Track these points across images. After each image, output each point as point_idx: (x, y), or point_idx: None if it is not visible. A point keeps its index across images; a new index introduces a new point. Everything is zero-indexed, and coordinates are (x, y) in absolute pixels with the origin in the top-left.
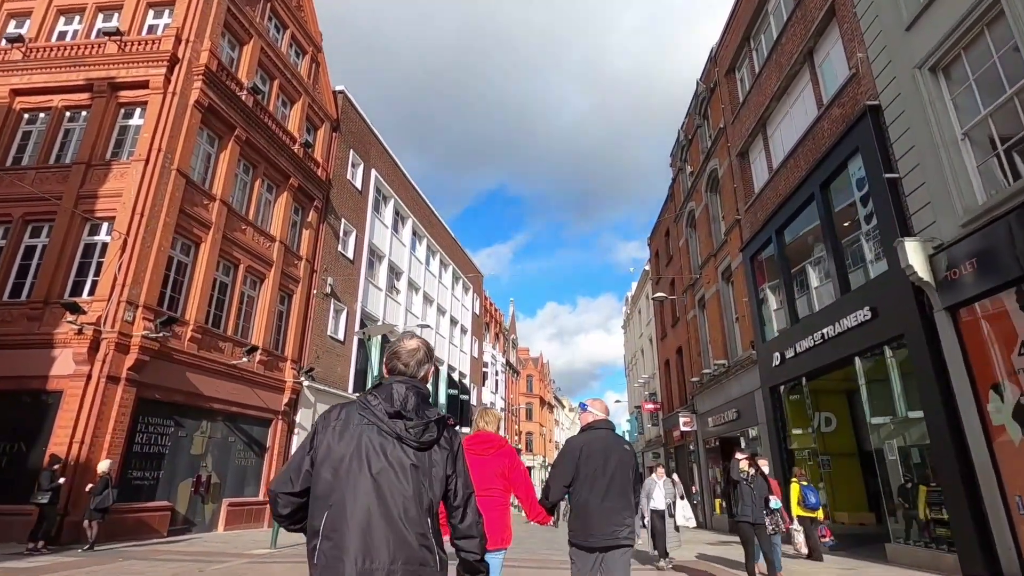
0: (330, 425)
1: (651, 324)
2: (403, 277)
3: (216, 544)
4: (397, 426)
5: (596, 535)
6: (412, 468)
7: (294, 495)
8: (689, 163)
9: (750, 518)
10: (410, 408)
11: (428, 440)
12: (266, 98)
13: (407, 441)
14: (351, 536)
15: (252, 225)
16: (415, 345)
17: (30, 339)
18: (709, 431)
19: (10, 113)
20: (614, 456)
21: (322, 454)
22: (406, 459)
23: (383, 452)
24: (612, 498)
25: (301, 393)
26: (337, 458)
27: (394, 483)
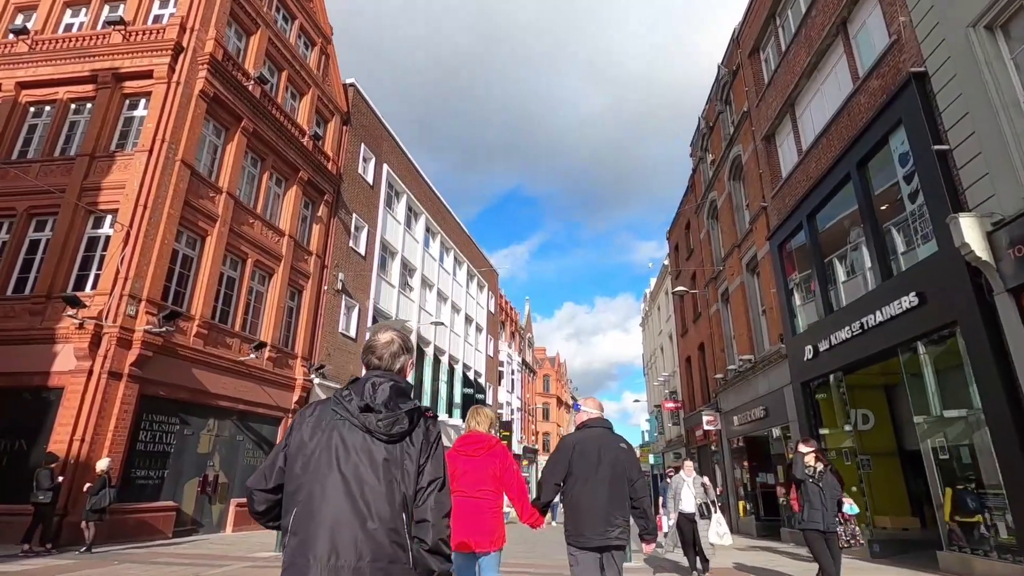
0: (304, 421)
1: (671, 320)
2: (416, 274)
3: (220, 546)
4: (367, 420)
5: (587, 534)
6: (384, 463)
7: (268, 492)
8: (710, 151)
9: (820, 525)
10: (379, 401)
11: (398, 432)
12: (274, 89)
13: (376, 435)
14: (319, 533)
15: (260, 219)
16: (389, 338)
17: (32, 335)
18: (734, 430)
19: (16, 106)
20: (608, 454)
21: (294, 450)
22: (377, 453)
23: (353, 447)
24: (604, 497)
25: (312, 391)
26: (308, 454)
27: (364, 478)
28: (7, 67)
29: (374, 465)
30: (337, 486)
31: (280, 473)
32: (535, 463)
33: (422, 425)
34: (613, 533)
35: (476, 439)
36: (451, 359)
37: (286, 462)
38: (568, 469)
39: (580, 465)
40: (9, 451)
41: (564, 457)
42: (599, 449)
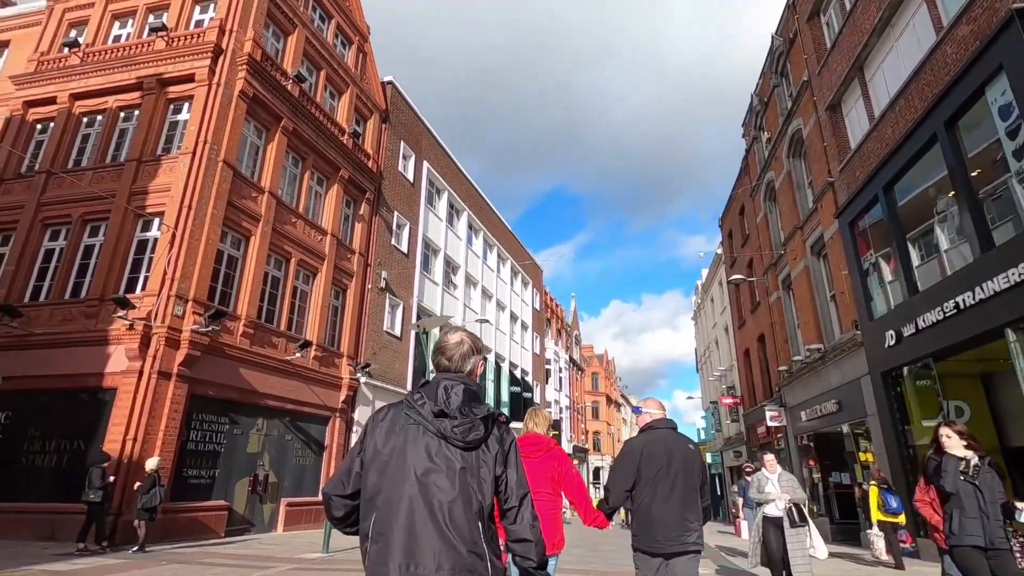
0: (378, 425)
1: (726, 312)
2: (460, 271)
3: (270, 546)
4: (442, 425)
5: (661, 540)
6: (460, 470)
7: (346, 497)
8: (765, 129)
9: (981, 540)
10: (454, 406)
11: (474, 439)
12: (313, 88)
13: (452, 441)
14: (396, 539)
15: (303, 218)
16: (459, 338)
17: (87, 337)
18: (802, 426)
19: (70, 118)
20: (678, 456)
21: (369, 456)
22: (453, 460)
23: (429, 453)
24: (677, 501)
25: (358, 390)
26: (383, 460)
27: (440, 485)
28: (62, 80)
29: (450, 472)
30: (414, 493)
31: (357, 479)
32: (585, 462)
33: (496, 432)
34: (690, 538)
35: (534, 440)
36: (497, 357)
37: (362, 467)
38: (637, 473)
39: (649, 469)
40: (68, 451)
41: (631, 462)
42: (668, 451)
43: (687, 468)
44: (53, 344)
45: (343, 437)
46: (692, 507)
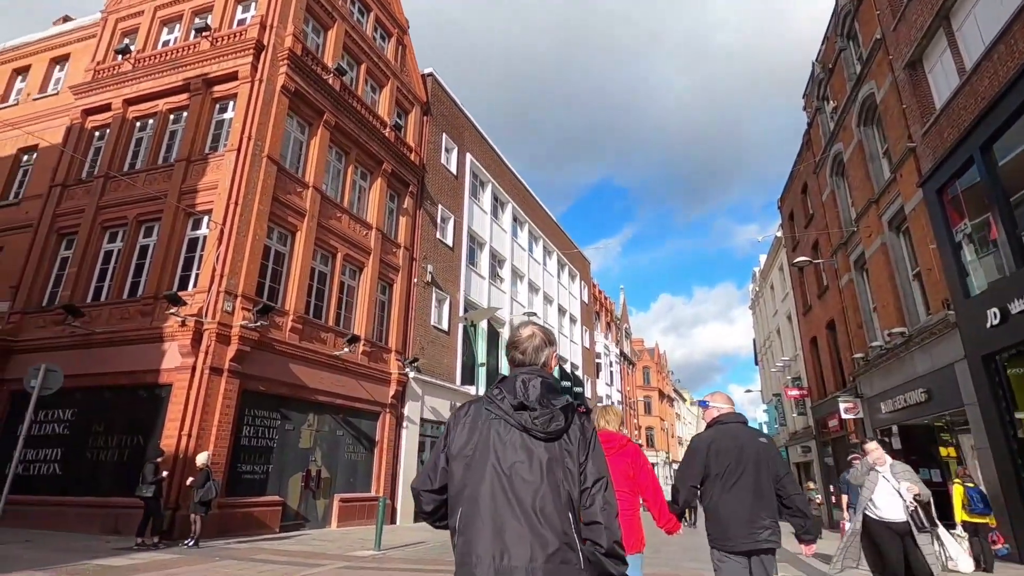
0: (460, 421)
1: (788, 298)
2: (506, 265)
3: (322, 543)
4: (522, 418)
5: (734, 538)
6: (548, 462)
7: (433, 492)
8: (831, 98)
9: None
10: (533, 398)
11: (555, 430)
12: (354, 82)
13: (534, 433)
14: (485, 533)
15: (347, 212)
16: (530, 331)
17: (143, 334)
18: (882, 418)
19: (124, 123)
20: (749, 451)
21: (454, 451)
22: (537, 452)
23: (512, 446)
24: (748, 497)
25: (407, 385)
26: (467, 454)
27: (527, 477)
28: (115, 87)
29: (536, 464)
30: (501, 486)
31: (444, 474)
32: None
33: (577, 422)
34: (763, 535)
35: (606, 437)
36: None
37: (448, 463)
38: (705, 470)
39: (718, 465)
40: (129, 446)
41: (699, 458)
42: (738, 446)
43: (759, 463)
44: (113, 342)
45: (394, 432)
46: (765, 503)
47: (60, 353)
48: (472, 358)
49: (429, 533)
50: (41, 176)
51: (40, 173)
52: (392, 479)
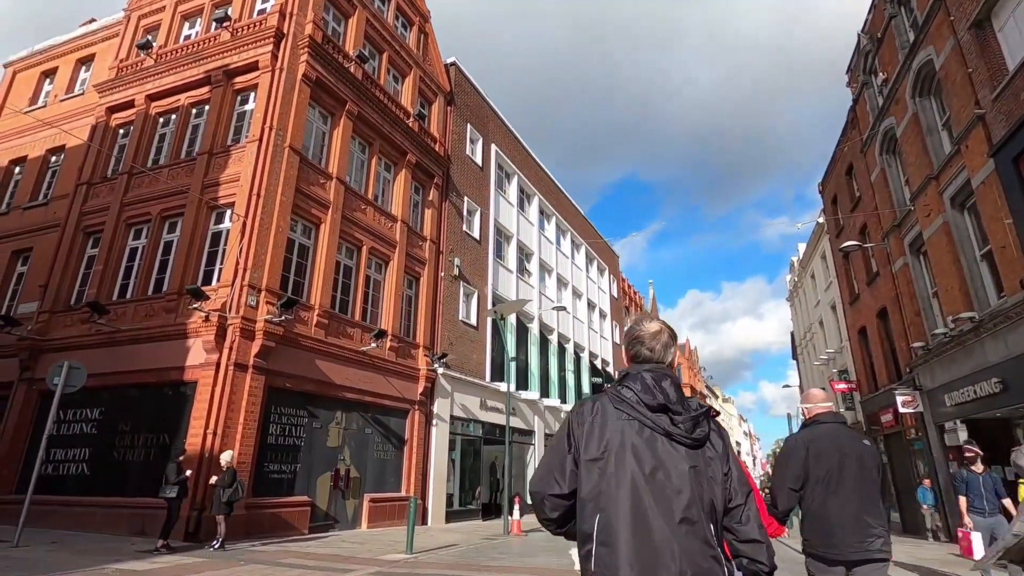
0: (586, 421)
1: (832, 287)
2: (533, 258)
3: (352, 545)
4: (662, 421)
5: (839, 546)
6: (691, 469)
7: (562, 497)
8: (880, 70)
9: None
10: (674, 400)
11: (700, 436)
12: (376, 71)
13: (677, 438)
14: (629, 543)
15: (372, 204)
16: (657, 327)
17: (168, 331)
18: (945, 412)
19: (147, 119)
20: (851, 453)
21: (586, 452)
22: (679, 458)
23: (652, 450)
24: (854, 502)
25: (436, 381)
26: (600, 457)
27: (672, 486)
28: (138, 83)
29: (679, 471)
30: (644, 494)
31: (574, 477)
32: None
33: (715, 427)
34: (875, 544)
35: None
36: (576, 347)
37: (577, 466)
38: (804, 473)
39: (819, 467)
40: (155, 445)
41: (796, 460)
42: (839, 448)
43: (863, 466)
44: (138, 339)
45: (423, 430)
46: (872, 509)
47: (87, 352)
48: (502, 353)
49: (461, 535)
50: (68, 176)
51: (67, 173)
52: (422, 478)
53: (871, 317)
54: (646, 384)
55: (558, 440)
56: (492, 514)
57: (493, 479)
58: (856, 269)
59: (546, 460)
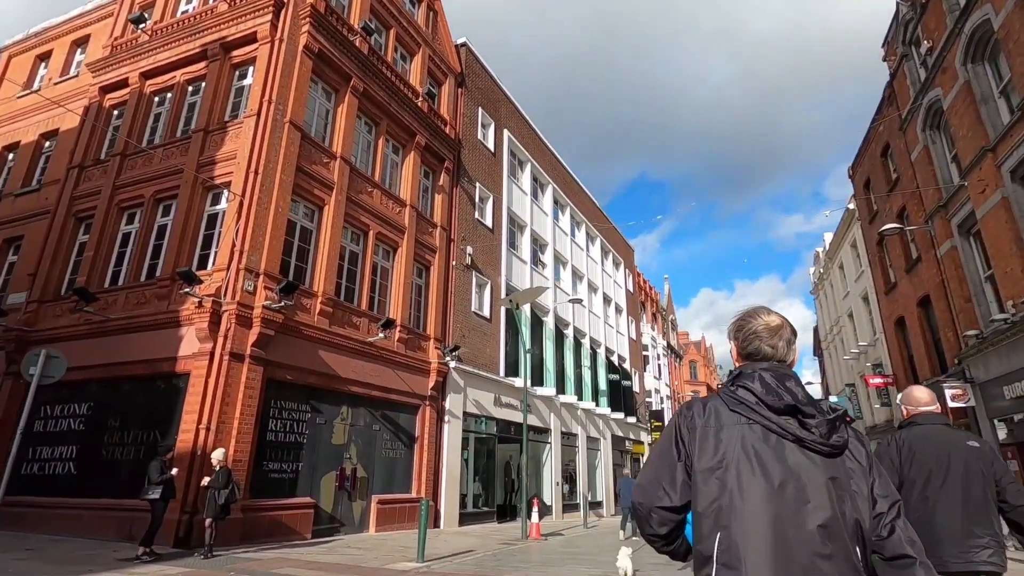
0: (697, 425)
1: (864, 277)
2: (548, 249)
3: (358, 552)
4: (790, 425)
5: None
6: (829, 481)
7: (672, 510)
8: (924, 37)
9: None
10: (804, 401)
11: (838, 443)
12: (382, 48)
13: (811, 444)
14: (759, 568)
15: (379, 187)
16: (779, 321)
17: (160, 319)
18: (1002, 406)
19: (141, 98)
20: (957, 456)
21: (700, 461)
22: (815, 468)
23: (780, 459)
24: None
25: (448, 376)
26: (718, 466)
27: (811, 500)
28: (132, 60)
29: (816, 483)
30: (775, 509)
31: (686, 488)
32: None
33: (853, 434)
34: (981, 555)
35: None
36: (592, 342)
37: (690, 475)
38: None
39: (916, 471)
40: (145, 442)
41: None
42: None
43: (968, 470)
44: (129, 329)
45: (434, 427)
46: (980, 518)
47: (76, 343)
48: (515, 348)
49: (476, 539)
50: (60, 161)
51: (60, 158)
52: (434, 478)
53: (911, 306)
54: (767, 384)
55: (664, 446)
56: (507, 516)
57: (508, 479)
58: (893, 256)
59: (651, 468)
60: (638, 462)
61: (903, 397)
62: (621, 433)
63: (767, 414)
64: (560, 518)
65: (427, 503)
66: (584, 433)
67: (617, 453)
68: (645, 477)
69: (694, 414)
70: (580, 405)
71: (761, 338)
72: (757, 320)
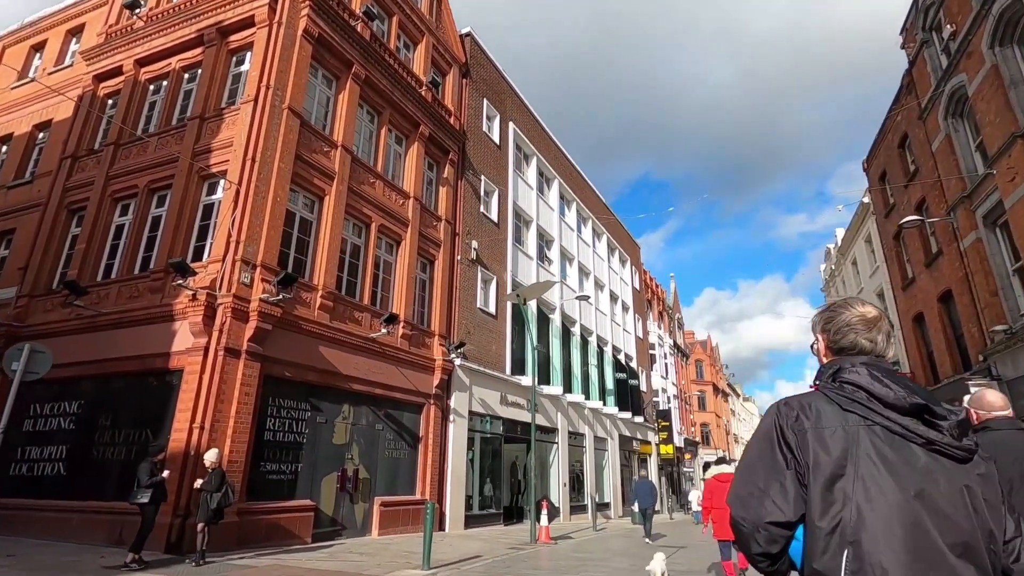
0: (806, 426)
1: (879, 273)
2: (554, 245)
3: (360, 557)
4: (917, 427)
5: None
6: (964, 490)
7: (785, 526)
8: (947, 21)
9: None
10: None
11: (969, 447)
12: (385, 35)
13: (943, 448)
14: None
15: (382, 178)
16: (875, 312)
17: (152, 313)
18: None
19: (136, 86)
20: None
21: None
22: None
23: (910, 465)
24: None
25: (453, 373)
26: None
27: (941, 508)
28: (127, 47)
29: (949, 491)
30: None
31: (800, 500)
32: (696, 456)
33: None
34: None
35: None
36: (599, 340)
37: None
38: None
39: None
40: (137, 442)
41: None
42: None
43: None
44: (121, 324)
45: (439, 427)
46: None
47: (67, 338)
48: (522, 346)
49: (483, 543)
50: (54, 152)
51: (53, 149)
52: (439, 480)
53: (930, 301)
54: (883, 381)
55: (763, 451)
56: (514, 518)
57: (514, 480)
58: (911, 250)
59: (751, 477)
60: (645, 463)
61: (973, 401)
62: (628, 433)
63: (888, 414)
64: (568, 520)
65: (432, 506)
66: (591, 433)
67: (624, 454)
68: (745, 488)
69: (798, 414)
70: (587, 404)
71: (857, 331)
72: (850, 311)
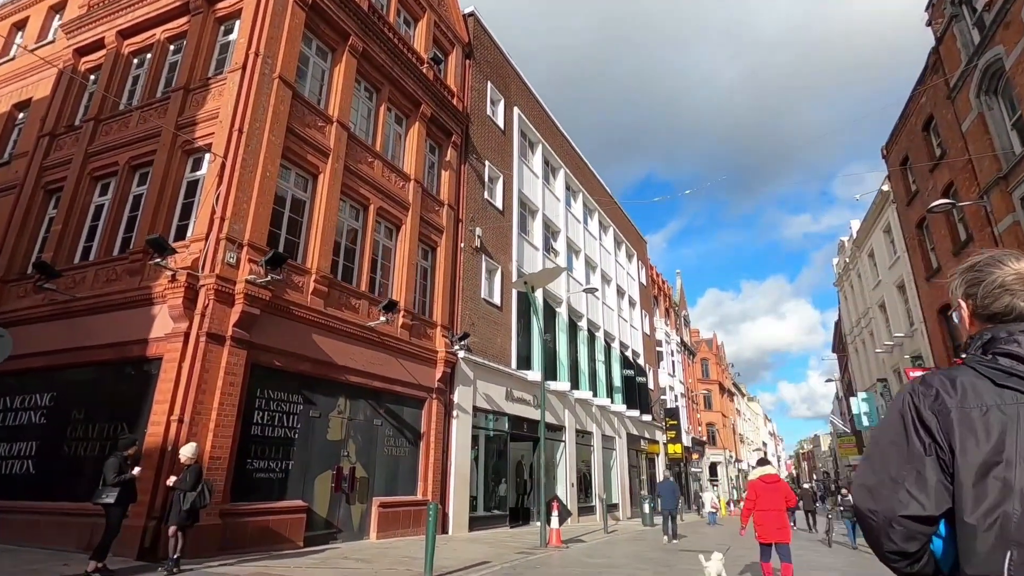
0: (950, 405)
1: (899, 264)
2: (560, 236)
3: (354, 564)
4: None
5: None
6: None
7: (925, 521)
8: None
9: None
10: None
11: None
12: (384, 8)
13: None
14: None
15: (380, 158)
16: None
17: (130, 296)
18: None
19: (119, 59)
20: None
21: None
22: None
23: None
24: None
25: (456, 366)
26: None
27: None
28: (109, 18)
29: None
30: None
31: (943, 491)
32: (703, 456)
33: None
34: None
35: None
36: (607, 336)
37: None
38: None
39: None
40: (112, 437)
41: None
42: None
43: None
44: (97, 309)
45: (442, 423)
46: None
47: (39, 325)
48: (528, 340)
49: (490, 547)
50: (32, 131)
51: (32, 127)
52: (442, 479)
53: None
54: None
55: (894, 435)
56: (520, 520)
57: (520, 480)
58: (937, 238)
59: (881, 465)
60: (653, 462)
61: None
62: (636, 432)
63: None
64: (576, 521)
65: (435, 507)
66: (599, 431)
67: (632, 453)
68: (873, 477)
69: (938, 391)
70: (595, 401)
71: (1014, 292)
72: (1004, 268)
